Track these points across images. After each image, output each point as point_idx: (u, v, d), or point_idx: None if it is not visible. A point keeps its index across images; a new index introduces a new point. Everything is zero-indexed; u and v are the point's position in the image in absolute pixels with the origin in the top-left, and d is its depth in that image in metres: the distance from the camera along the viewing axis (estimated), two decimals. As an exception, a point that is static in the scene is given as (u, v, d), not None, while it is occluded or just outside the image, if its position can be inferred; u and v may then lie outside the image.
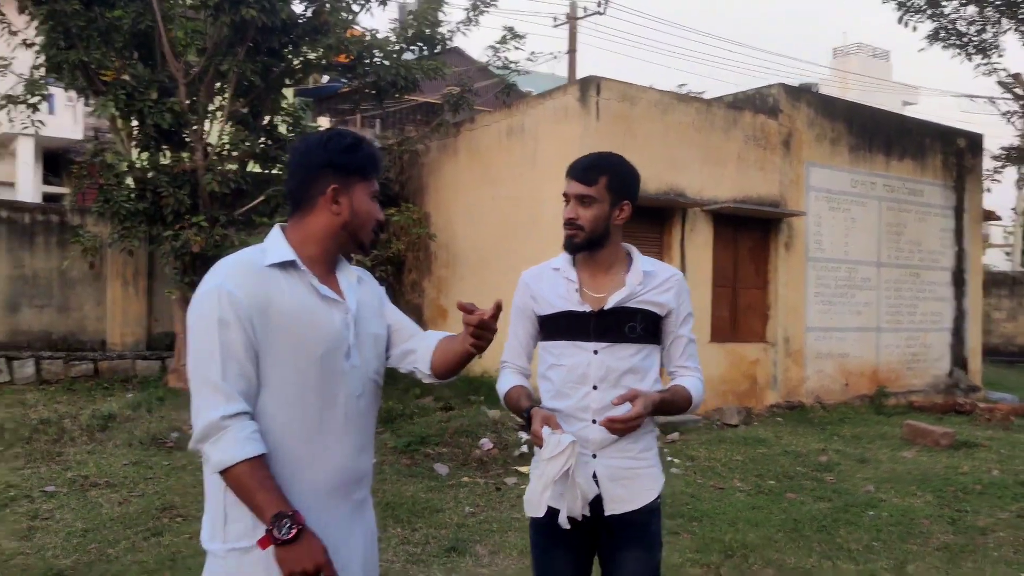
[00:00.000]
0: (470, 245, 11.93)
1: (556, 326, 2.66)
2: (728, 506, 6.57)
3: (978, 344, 14.55)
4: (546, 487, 2.43)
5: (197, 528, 5.50)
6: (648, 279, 2.63)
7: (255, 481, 1.91)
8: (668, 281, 2.66)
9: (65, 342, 11.35)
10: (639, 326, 2.59)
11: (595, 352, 2.58)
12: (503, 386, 2.75)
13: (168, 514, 5.85)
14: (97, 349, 11.48)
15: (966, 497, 7.05)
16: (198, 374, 1.96)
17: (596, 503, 2.55)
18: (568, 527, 2.46)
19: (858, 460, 8.47)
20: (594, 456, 2.56)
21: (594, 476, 2.55)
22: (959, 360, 14.11)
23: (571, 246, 2.63)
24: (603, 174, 2.59)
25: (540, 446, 2.45)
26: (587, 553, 2.66)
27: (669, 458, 8.16)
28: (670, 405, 2.57)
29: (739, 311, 11.55)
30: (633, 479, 2.59)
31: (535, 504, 2.48)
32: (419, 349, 2.30)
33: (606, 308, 2.59)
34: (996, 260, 41.52)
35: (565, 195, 2.63)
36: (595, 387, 2.56)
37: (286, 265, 2.05)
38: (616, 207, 2.61)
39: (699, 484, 7.28)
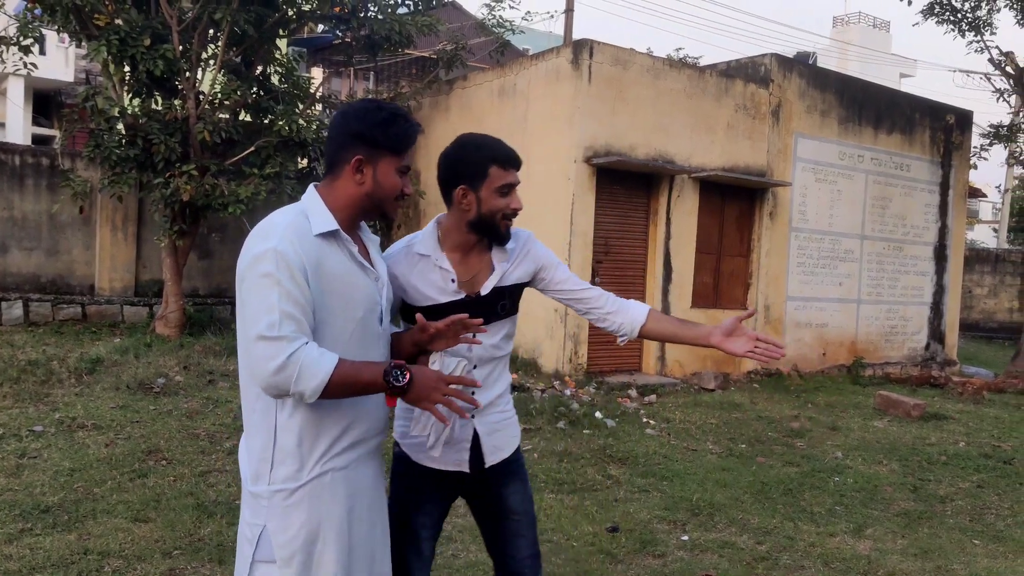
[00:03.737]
0: (459, 203, 11.95)
1: (437, 317, 2.48)
2: (699, 467, 6.76)
3: (956, 319, 14.78)
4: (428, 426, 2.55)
5: (182, 471, 5.70)
6: (510, 255, 2.68)
7: (350, 374, 2.05)
8: (524, 246, 2.72)
9: (54, 285, 11.40)
10: (508, 302, 2.68)
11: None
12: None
13: (153, 457, 5.99)
14: (85, 293, 11.55)
15: (930, 467, 7.28)
16: (254, 331, 2.02)
17: (476, 457, 2.66)
18: (438, 455, 2.58)
19: (829, 428, 8.68)
20: (472, 416, 2.64)
21: (475, 433, 2.65)
22: (937, 334, 14.34)
23: (507, 236, 2.65)
24: None
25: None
26: (449, 498, 2.77)
27: (645, 419, 8.34)
28: None
29: (721, 278, 11.69)
30: (504, 428, 2.74)
31: (420, 436, 2.59)
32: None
33: (483, 294, 2.62)
34: (984, 236, 41.79)
35: (511, 185, 2.61)
36: (476, 366, 2.62)
37: (328, 234, 2.16)
38: None
39: (672, 445, 7.47)
